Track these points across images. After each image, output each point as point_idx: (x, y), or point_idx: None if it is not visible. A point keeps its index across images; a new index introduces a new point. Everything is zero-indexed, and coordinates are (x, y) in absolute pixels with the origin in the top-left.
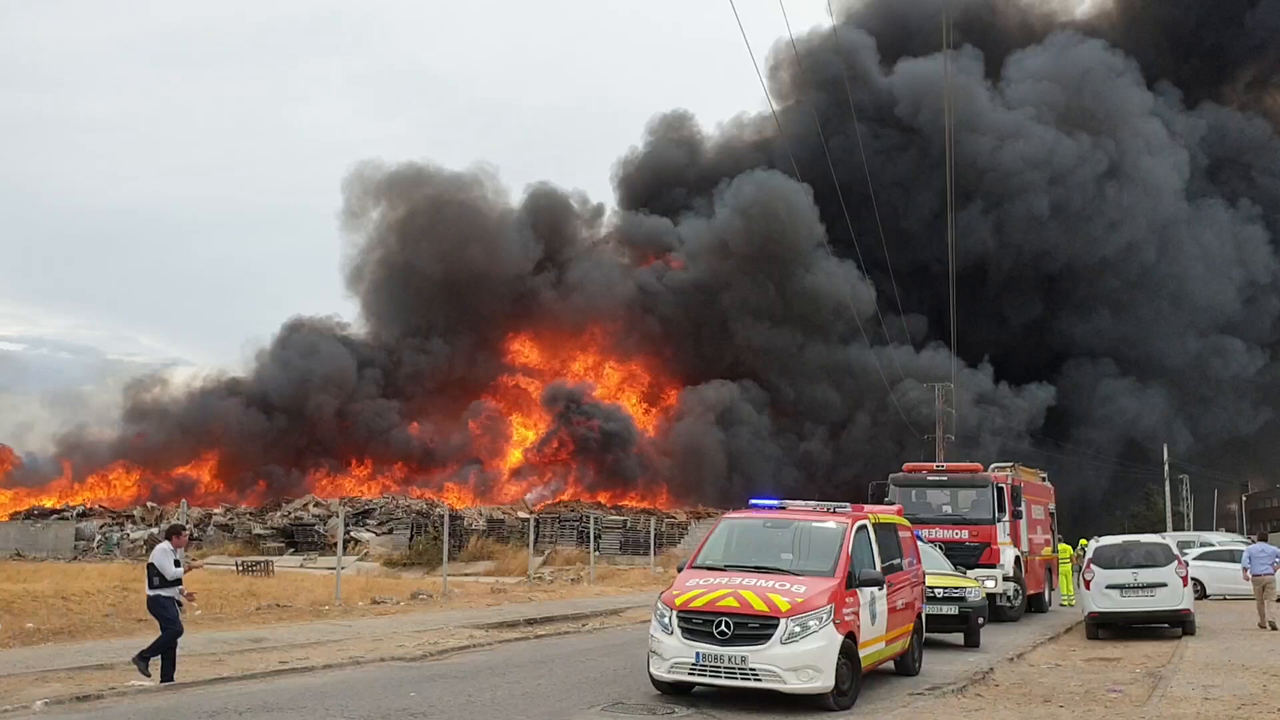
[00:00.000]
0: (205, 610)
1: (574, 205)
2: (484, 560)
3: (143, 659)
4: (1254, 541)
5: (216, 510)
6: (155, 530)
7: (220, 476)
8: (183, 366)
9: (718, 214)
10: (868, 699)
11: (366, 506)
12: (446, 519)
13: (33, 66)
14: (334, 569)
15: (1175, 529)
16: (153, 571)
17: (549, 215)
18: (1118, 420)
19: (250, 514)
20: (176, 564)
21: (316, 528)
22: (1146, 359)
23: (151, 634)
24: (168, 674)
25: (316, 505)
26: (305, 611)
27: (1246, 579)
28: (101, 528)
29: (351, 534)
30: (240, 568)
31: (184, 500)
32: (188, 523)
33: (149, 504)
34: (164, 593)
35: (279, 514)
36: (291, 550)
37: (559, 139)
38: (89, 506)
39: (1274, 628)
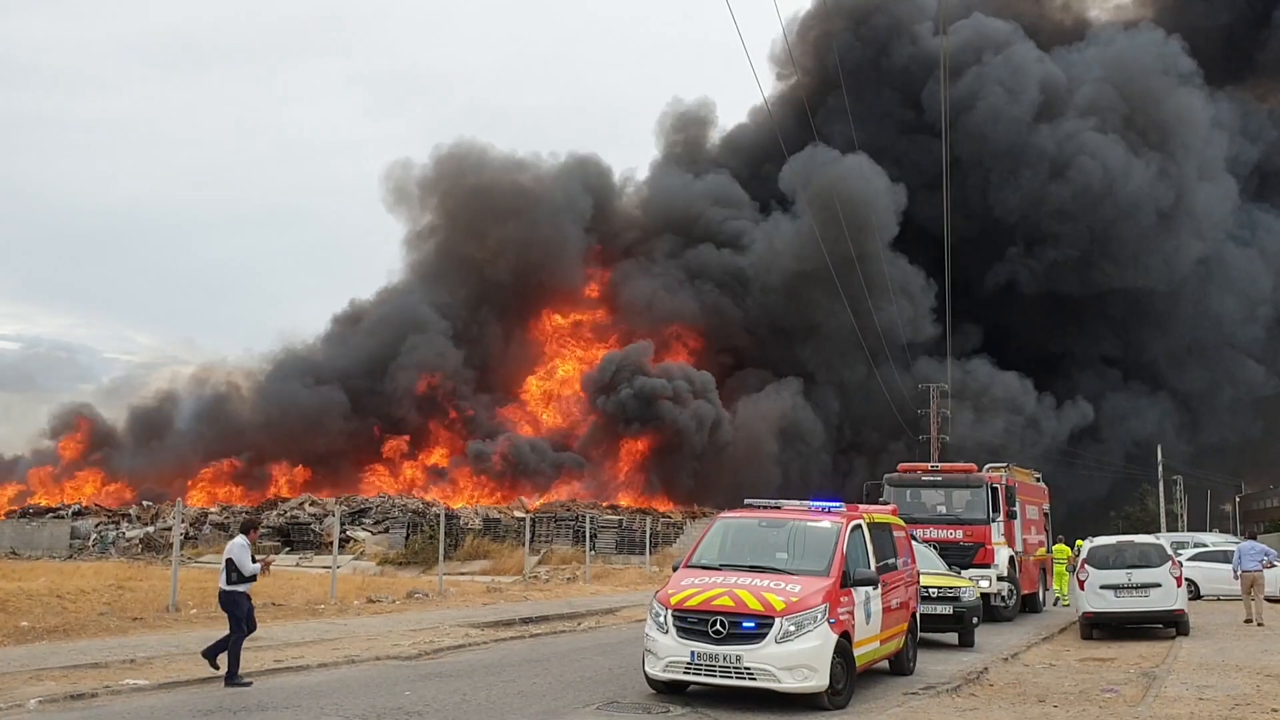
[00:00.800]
0: (200, 609)
1: (616, 183)
2: (480, 559)
3: (212, 654)
4: (1245, 540)
5: (212, 509)
6: (150, 529)
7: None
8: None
9: (775, 219)
10: (862, 698)
11: (363, 505)
12: (442, 518)
13: (32, 65)
14: (330, 568)
15: (1169, 530)
16: (230, 567)
17: (596, 196)
18: (1123, 432)
19: (246, 513)
20: (253, 560)
21: (312, 526)
22: (1155, 373)
23: (145, 631)
24: (233, 676)
25: (313, 504)
26: (300, 610)
27: (1237, 577)
28: (97, 526)
29: (347, 533)
30: None
31: (179, 499)
32: (183, 521)
33: (144, 502)
34: (240, 588)
35: (275, 513)
36: (287, 549)
37: (559, 138)
38: (85, 505)
39: (1260, 624)
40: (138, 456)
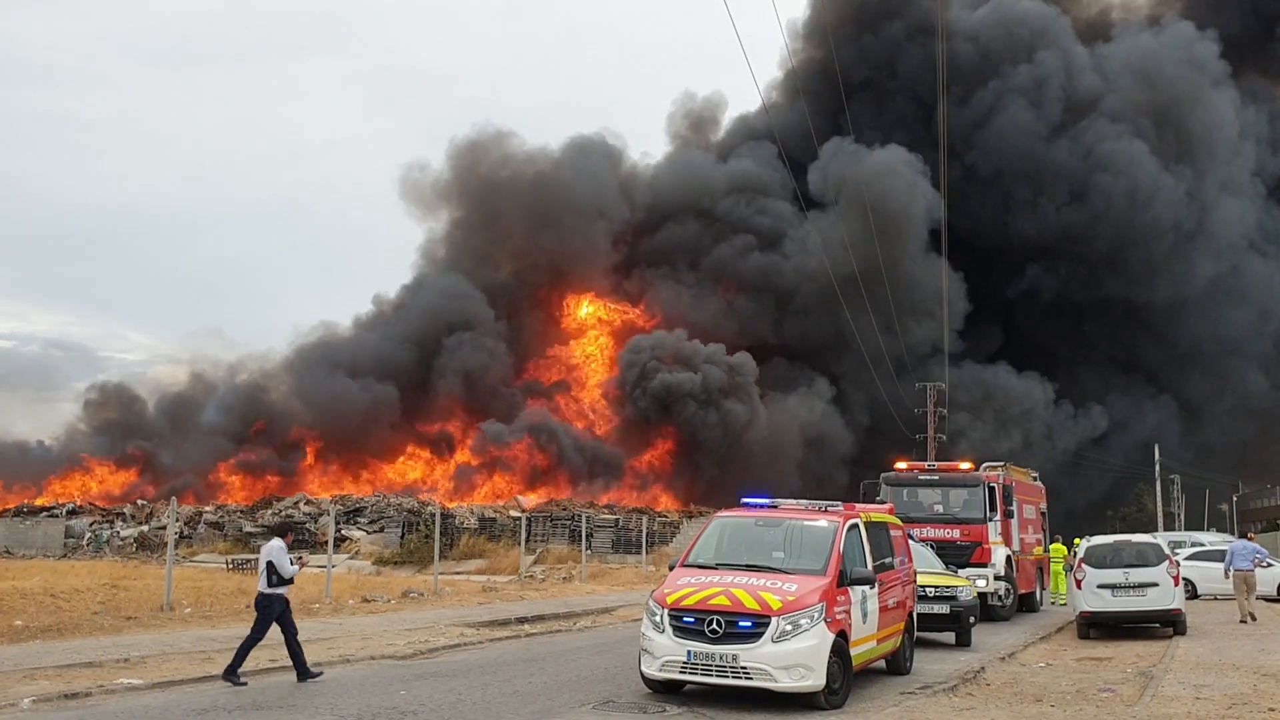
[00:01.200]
0: (194, 608)
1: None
2: (475, 559)
3: (303, 672)
4: (1237, 540)
5: (207, 508)
6: (145, 528)
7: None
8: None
9: (800, 215)
10: (859, 698)
11: (358, 504)
12: (438, 517)
13: (29, 63)
14: (325, 567)
15: (1166, 529)
16: (271, 570)
17: (623, 184)
18: (1125, 435)
19: (240, 512)
20: (291, 563)
21: (307, 525)
22: (1159, 377)
23: (139, 631)
24: (233, 671)
25: (308, 503)
26: (295, 610)
27: (1228, 577)
28: (91, 525)
29: (343, 532)
30: (230, 565)
31: (174, 498)
32: (178, 519)
33: (139, 501)
34: (279, 590)
35: (269, 512)
36: None
37: (562, 135)
38: (80, 504)
39: (1253, 619)
40: (168, 446)
